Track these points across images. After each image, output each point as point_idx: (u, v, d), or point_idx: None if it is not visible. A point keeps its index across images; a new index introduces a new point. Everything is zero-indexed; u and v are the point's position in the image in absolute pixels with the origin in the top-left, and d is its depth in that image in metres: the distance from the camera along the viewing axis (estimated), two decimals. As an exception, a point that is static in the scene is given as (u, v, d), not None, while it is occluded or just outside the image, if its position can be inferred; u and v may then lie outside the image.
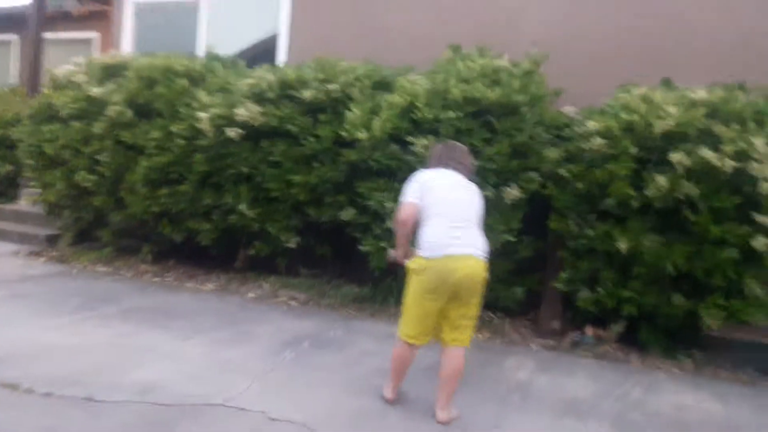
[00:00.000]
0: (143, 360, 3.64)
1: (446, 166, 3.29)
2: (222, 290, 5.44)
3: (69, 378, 3.29)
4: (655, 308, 4.17)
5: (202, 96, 5.50)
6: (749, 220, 3.96)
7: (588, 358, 4.27)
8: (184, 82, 5.71)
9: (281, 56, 6.67)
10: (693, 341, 4.43)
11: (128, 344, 3.89)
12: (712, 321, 4.01)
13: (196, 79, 5.84)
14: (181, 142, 5.51)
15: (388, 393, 3.28)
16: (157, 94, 5.73)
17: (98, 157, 5.92)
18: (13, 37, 10.55)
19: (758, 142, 3.85)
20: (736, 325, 4.25)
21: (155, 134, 5.62)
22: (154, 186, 5.72)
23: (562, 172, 4.41)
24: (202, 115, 5.34)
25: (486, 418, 3.18)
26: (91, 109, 5.95)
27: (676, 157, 4.01)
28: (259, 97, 5.36)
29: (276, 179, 5.29)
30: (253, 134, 5.36)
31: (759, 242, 3.86)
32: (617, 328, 4.37)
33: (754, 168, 3.86)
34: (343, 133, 4.98)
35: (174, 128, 5.53)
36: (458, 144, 3.54)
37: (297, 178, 5.20)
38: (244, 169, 5.38)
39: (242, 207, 5.38)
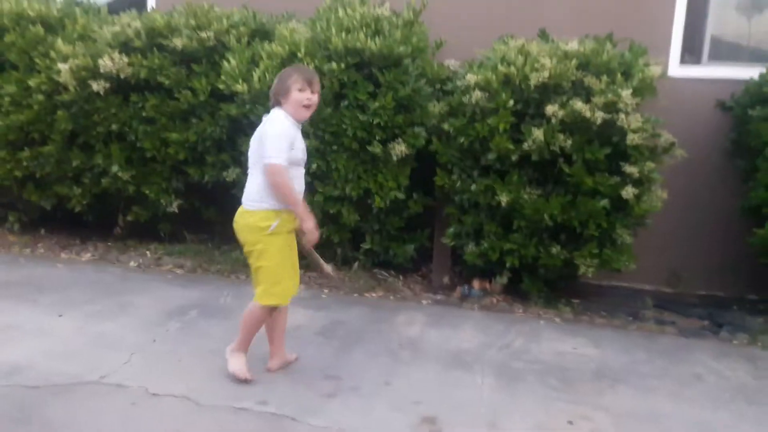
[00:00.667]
0: (7, 339, 3.37)
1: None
2: (100, 260, 5.10)
3: None
4: (535, 259, 4.33)
5: (61, 45, 4.97)
6: (619, 170, 4.15)
7: (475, 311, 4.40)
8: (39, 29, 5.14)
9: (151, 4, 6.13)
10: (572, 290, 4.67)
11: (-10, 323, 3.57)
12: (587, 269, 4.22)
13: (53, 27, 5.28)
14: (40, 97, 5.01)
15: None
16: (8, 44, 5.14)
17: (-58, 115, 5.27)
18: None
19: (625, 93, 4.00)
20: (609, 273, 4.52)
21: (9, 89, 5.07)
22: (14, 148, 5.20)
23: (446, 126, 4.41)
24: (62, 66, 4.85)
25: (377, 374, 3.22)
26: (-72, 62, 5.25)
27: (551, 109, 4.10)
28: (125, 47, 4.93)
29: (150, 137, 4.94)
30: (122, 87, 4.95)
31: (627, 192, 4.06)
32: (501, 280, 4.52)
33: (622, 119, 4.02)
34: (221, 86, 4.69)
35: (31, 82, 5.01)
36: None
37: (174, 135, 4.89)
38: (114, 127, 4.98)
39: (115, 168, 5.00)
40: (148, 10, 5.82)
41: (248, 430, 2.66)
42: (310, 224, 2.95)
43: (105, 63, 4.78)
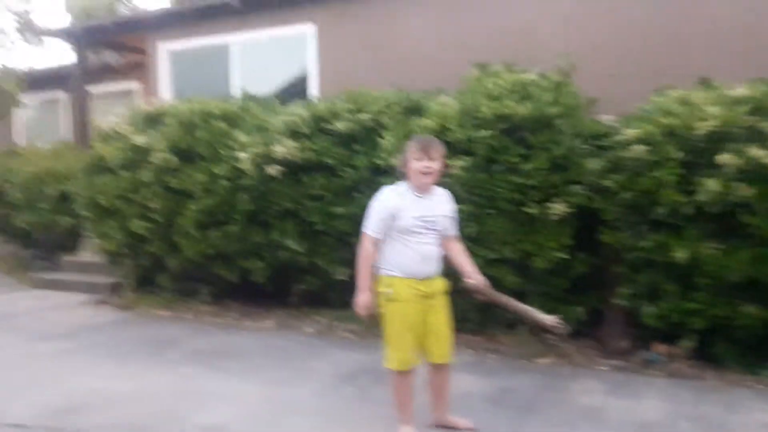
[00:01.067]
0: (206, 403, 3.72)
1: None
2: (280, 327, 5.52)
3: (133, 426, 3.40)
4: (726, 320, 3.97)
5: (241, 136, 5.61)
6: (812, 218, 3.74)
7: (660, 378, 4.09)
8: (222, 124, 5.84)
9: (312, 92, 6.75)
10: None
11: (190, 388, 3.98)
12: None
13: (233, 120, 5.97)
14: (225, 183, 5.63)
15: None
16: (198, 138, 5.88)
17: (149, 204, 6.10)
18: (60, 94, 11.00)
19: (810, 136, 3.65)
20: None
21: (200, 177, 5.76)
22: (205, 228, 5.85)
23: (607, 183, 4.29)
24: (242, 155, 5.46)
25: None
26: (137, 157, 6.14)
27: (724, 158, 3.84)
28: (294, 133, 5.44)
29: (318, 212, 5.34)
30: (293, 170, 5.44)
31: (825, 240, 3.64)
32: (687, 343, 4.17)
33: (810, 164, 3.65)
34: (379, 161, 4.99)
35: (216, 170, 5.66)
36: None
37: (339, 209, 5.24)
38: (288, 205, 5.45)
39: (290, 242, 5.45)
40: (309, 97, 6.40)
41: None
42: (360, 298, 3.11)
43: (278, 149, 5.31)
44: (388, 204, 3.07)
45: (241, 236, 5.69)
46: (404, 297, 3.07)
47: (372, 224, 3.09)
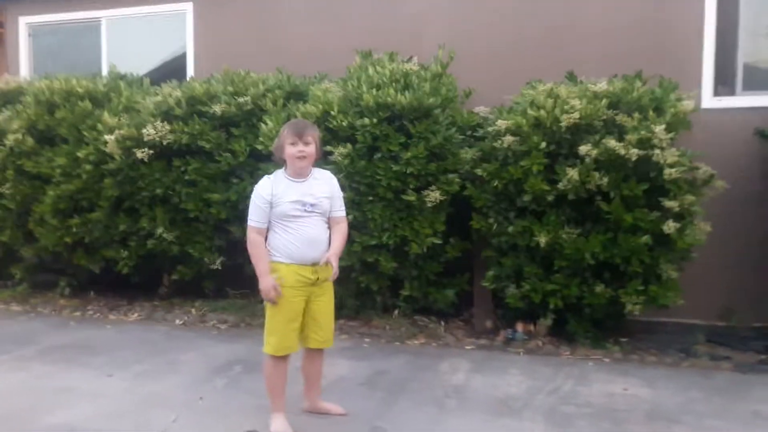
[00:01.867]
0: (61, 402, 3.45)
1: None
2: (147, 319, 5.23)
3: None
4: (579, 299, 4.27)
5: (107, 117, 5.25)
6: (659, 206, 4.10)
7: (520, 355, 4.32)
8: (86, 104, 5.45)
9: (190, 74, 6.45)
10: (619, 328, 4.56)
11: (45, 386, 3.68)
12: (633, 307, 4.13)
13: (99, 100, 5.59)
14: (89, 167, 5.27)
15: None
16: (59, 119, 5.46)
17: (0, 189, 5.57)
18: None
19: (658, 129, 3.99)
20: (657, 310, 4.39)
21: (60, 161, 5.35)
22: (64, 215, 5.45)
23: (479, 171, 4.45)
24: (109, 137, 5.11)
25: (424, 425, 3.17)
26: (-13, 138, 5.59)
27: (584, 148, 4.11)
28: (167, 115, 5.18)
29: (193, 199, 5.12)
30: (165, 153, 5.18)
31: (669, 226, 4.00)
32: (546, 322, 4.44)
33: (657, 155, 3.99)
34: (259, 147, 4.86)
35: (80, 153, 5.28)
36: None
37: (215, 196, 5.05)
38: (159, 191, 5.18)
39: (160, 231, 5.18)
40: (187, 78, 6.13)
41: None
42: (262, 284, 3.00)
43: (148, 132, 5.02)
44: (264, 193, 3.02)
45: (106, 224, 5.34)
46: (289, 283, 3.01)
47: (254, 215, 3.03)
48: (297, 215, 3.01)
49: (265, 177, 3.10)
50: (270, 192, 3.01)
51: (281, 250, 3.02)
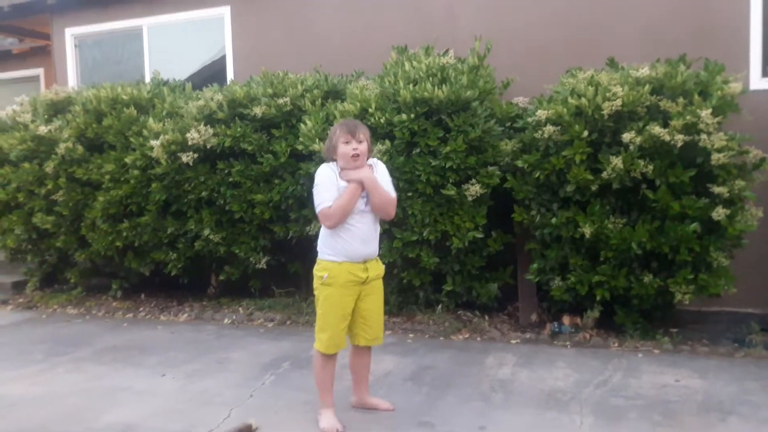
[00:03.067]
0: (116, 401, 3.57)
1: None
2: (196, 319, 5.37)
3: (34, 430, 3.20)
4: (627, 290, 4.19)
5: (152, 123, 5.39)
6: (707, 192, 3.99)
7: (567, 348, 4.28)
8: (132, 111, 5.60)
9: (230, 76, 6.58)
10: (669, 319, 4.47)
11: (101, 386, 3.82)
12: (683, 296, 4.04)
13: (144, 107, 5.75)
14: (136, 172, 5.41)
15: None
16: (106, 127, 5.63)
17: (54, 196, 5.78)
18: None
19: (704, 113, 3.88)
20: (709, 299, 4.28)
21: (109, 167, 5.51)
22: (115, 220, 5.62)
23: (519, 163, 4.41)
24: (154, 143, 5.25)
25: (471, 419, 3.17)
26: (41, 148, 5.81)
27: (628, 136, 4.03)
28: (209, 119, 5.29)
29: (237, 200, 5.22)
30: (209, 156, 5.29)
31: (718, 213, 3.89)
32: (593, 314, 4.38)
33: (704, 140, 3.88)
34: (299, 147, 4.93)
35: (128, 159, 5.43)
36: None
37: (258, 196, 5.14)
38: (204, 193, 5.30)
39: (206, 232, 5.30)
40: (227, 82, 6.25)
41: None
42: (360, 174, 2.99)
43: (192, 136, 5.14)
44: (333, 178, 3.02)
45: (154, 227, 5.49)
46: (340, 282, 3.04)
47: (325, 195, 3.00)
48: (354, 211, 3.02)
49: (323, 165, 3.10)
50: (335, 177, 3.02)
51: (335, 248, 3.05)
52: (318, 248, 3.14)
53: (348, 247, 3.03)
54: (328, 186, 3.01)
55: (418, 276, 4.79)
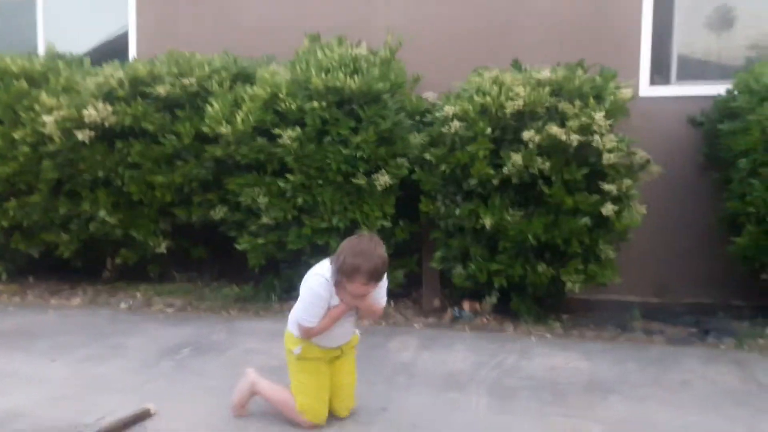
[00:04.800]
0: (2, 387, 3.35)
1: None
2: (91, 304, 5.12)
3: None
4: (522, 278, 4.42)
5: (45, 98, 5.06)
6: (598, 189, 4.28)
7: (466, 332, 4.46)
8: (22, 84, 5.22)
9: (132, 54, 6.28)
10: (560, 306, 4.77)
11: (-18, 374, 3.56)
12: (573, 285, 4.32)
13: (36, 81, 5.36)
14: (26, 149, 5.08)
15: None
16: (-8, 99, 5.23)
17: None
18: None
19: (598, 116, 4.15)
20: (596, 288, 4.61)
21: (-5, 142, 5.12)
22: (1, 199, 5.24)
23: (427, 156, 4.53)
24: (47, 118, 4.93)
25: (374, 401, 3.23)
26: None
27: (528, 134, 4.24)
28: (109, 96, 5.02)
29: (136, 182, 5.01)
30: (107, 135, 5.04)
31: (607, 209, 4.18)
32: (491, 300, 4.60)
33: (597, 141, 4.17)
34: (205, 129, 4.79)
35: (16, 135, 5.07)
36: None
37: (159, 178, 4.96)
38: (100, 173, 5.05)
39: (102, 214, 5.05)
40: (130, 59, 5.97)
41: (248, 461, 2.66)
42: (361, 304, 2.83)
43: (89, 113, 4.87)
44: (324, 294, 2.77)
45: (45, 207, 5.17)
46: (316, 355, 2.92)
47: (310, 315, 2.79)
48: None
49: (323, 278, 2.79)
50: (329, 297, 2.80)
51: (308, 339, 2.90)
52: (289, 322, 2.94)
53: (322, 342, 2.92)
54: (318, 306, 2.78)
55: (326, 264, 4.81)
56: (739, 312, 4.91)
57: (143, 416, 2.99)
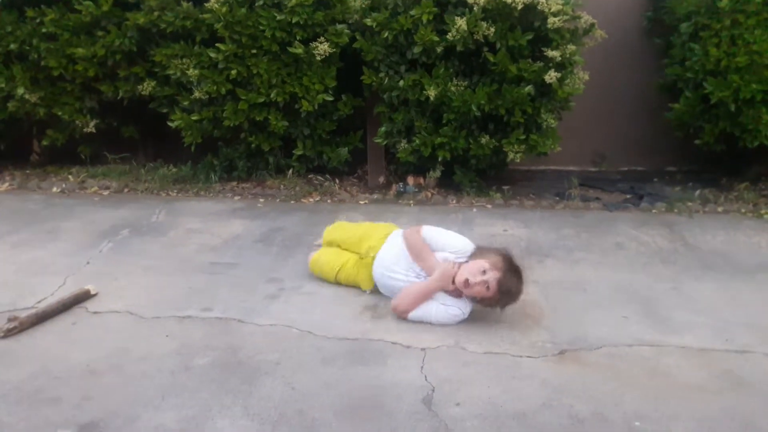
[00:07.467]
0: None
1: None
2: (20, 189, 4.88)
3: None
4: (466, 151, 4.41)
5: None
6: (542, 56, 4.19)
7: (411, 206, 4.49)
8: None
9: None
10: (502, 178, 4.83)
11: None
12: (515, 155, 4.34)
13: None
14: None
15: None
16: None
17: None
18: None
19: (541, -23, 3.98)
20: (537, 158, 4.67)
21: None
22: None
23: (368, 22, 4.30)
24: (-58, -17, 4.39)
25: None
26: None
27: (469, -4, 4.05)
28: (12, -44, 4.48)
29: (55, 55, 4.62)
30: (15, 3, 4.56)
31: (551, 76, 4.12)
32: (435, 174, 4.60)
33: (542, 3, 4.02)
34: (126, -6, 4.38)
35: None
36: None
37: (79, 51, 4.57)
38: (13, 46, 4.62)
39: (20, 91, 4.68)
40: None
41: (196, 335, 2.66)
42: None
43: (-9, -25, 4.36)
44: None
45: (-45, 86, 4.73)
46: None
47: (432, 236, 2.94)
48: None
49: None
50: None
51: None
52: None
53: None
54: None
55: (267, 141, 4.67)
56: (672, 178, 5.12)
57: (83, 297, 2.94)
